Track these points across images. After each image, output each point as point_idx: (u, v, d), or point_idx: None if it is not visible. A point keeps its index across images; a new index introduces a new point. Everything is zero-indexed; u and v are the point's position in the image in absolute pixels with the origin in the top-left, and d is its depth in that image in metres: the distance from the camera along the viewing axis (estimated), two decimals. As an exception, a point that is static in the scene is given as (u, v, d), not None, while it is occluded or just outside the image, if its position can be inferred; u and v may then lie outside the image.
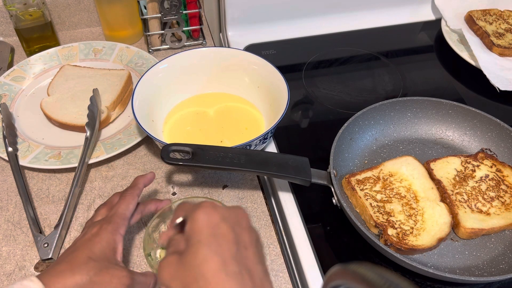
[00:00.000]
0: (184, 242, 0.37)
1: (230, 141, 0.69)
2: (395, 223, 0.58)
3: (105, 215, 0.51)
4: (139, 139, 0.70)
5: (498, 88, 0.81)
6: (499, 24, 0.94)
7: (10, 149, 0.67)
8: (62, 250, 0.59)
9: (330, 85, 0.86)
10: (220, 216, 0.36)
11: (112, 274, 0.44)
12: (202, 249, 0.34)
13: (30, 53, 0.87)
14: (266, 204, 0.65)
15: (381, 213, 0.59)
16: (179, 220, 0.38)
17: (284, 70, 0.70)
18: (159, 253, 0.55)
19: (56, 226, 0.60)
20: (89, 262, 0.44)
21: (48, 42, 0.88)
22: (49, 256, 0.57)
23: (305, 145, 0.75)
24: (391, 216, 0.59)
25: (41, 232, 0.60)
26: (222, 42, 1.00)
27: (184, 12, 0.87)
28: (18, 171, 0.65)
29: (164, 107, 0.73)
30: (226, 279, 0.33)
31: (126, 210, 0.51)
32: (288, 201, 0.65)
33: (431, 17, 1.02)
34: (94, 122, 0.70)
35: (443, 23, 0.95)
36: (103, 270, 0.44)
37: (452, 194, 0.62)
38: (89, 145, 0.67)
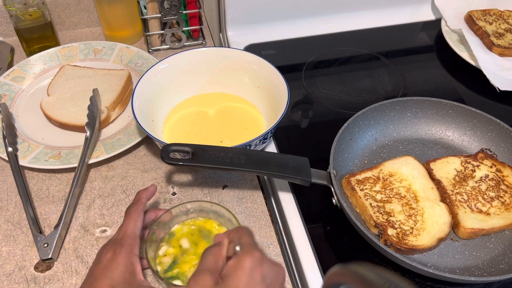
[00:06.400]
0: (223, 269, 0.40)
1: (230, 141, 0.69)
2: (395, 223, 0.58)
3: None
4: (139, 139, 0.70)
5: (498, 88, 0.81)
6: (499, 24, 0.94)
7: (10, 149, 0.67)
8: (62, 250, 0.59)
9: (330, 85, 0.86)
10: (261, 274, 0.39)
11: None
12: None
13: (30, 53, 0.87)
14: (266, 204, 0.65)
15: (381, 213, 0.59)
16: (238, 248, 0.40)
17: (284, 70, 0.70)
18: (164, 251, 0.55)
19: (56, 226, 0.60)
20: None
21: (48, 42, 0.88)
22: (49, 256, 0.57)
23: (305, 145, 0.75)
24: (391, 216, 0.59)
25: (41, 232, 0.60)
26: (222, 42, 1.00)
27: (184, 12, 0.87)
28: (18, 171, 0.65)
29: (164, 107, 0.73)
30: None
31: (135, 229, 0.50)
32: (288, 201, 0.65)
33: (431, 17, 1.02)
34: (94, 122, 0.70)
35: (443, 23, 0.95)
36: None
37: (452, 194, 0.62)
38: (89, 145, 0.67)
